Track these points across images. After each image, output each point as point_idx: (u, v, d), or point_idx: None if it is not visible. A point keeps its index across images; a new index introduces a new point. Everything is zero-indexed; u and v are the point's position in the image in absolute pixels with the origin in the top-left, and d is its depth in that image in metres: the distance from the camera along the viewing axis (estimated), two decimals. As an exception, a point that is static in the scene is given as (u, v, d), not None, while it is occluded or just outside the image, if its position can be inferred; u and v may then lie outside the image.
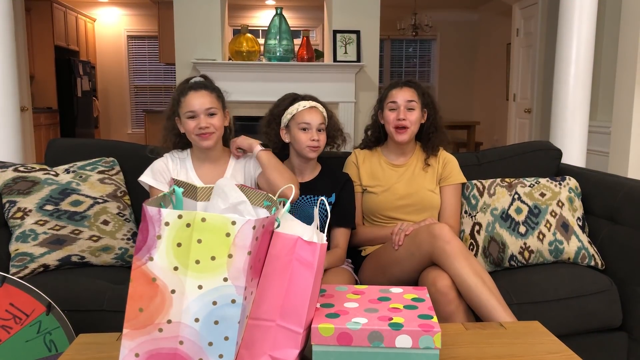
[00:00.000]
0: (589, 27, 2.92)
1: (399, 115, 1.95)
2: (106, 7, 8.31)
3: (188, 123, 1.75)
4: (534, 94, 5.72)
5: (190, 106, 1.74)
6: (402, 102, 1.96)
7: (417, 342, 1.03)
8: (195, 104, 1.74)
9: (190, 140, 1.80)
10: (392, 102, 1.98)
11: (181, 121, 1.79)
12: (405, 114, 1.95)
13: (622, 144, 3.34)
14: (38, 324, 1.37)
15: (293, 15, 8.20)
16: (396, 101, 1.97)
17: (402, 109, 1.95)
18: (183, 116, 1.76)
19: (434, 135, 2.04)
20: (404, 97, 1.96)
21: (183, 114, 1.76)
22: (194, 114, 1.74)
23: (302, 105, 1.88)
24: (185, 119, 1.76)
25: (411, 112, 1.96)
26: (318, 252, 1.05)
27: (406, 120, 1.95)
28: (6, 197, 1.86)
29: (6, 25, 2.59)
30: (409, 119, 1.95)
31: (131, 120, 8.70)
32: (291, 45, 4.89)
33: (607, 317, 1.82)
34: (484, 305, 1.54)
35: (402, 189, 2.00)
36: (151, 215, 0.96)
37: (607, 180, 2.09)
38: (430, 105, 2.04)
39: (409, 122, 1.95)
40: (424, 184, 2.00)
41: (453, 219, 2.00)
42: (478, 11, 8.45)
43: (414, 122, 1.96)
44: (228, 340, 0.98)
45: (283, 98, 1.97)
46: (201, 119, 1.73)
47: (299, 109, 1.88)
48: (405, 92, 1.97)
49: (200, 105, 1.74)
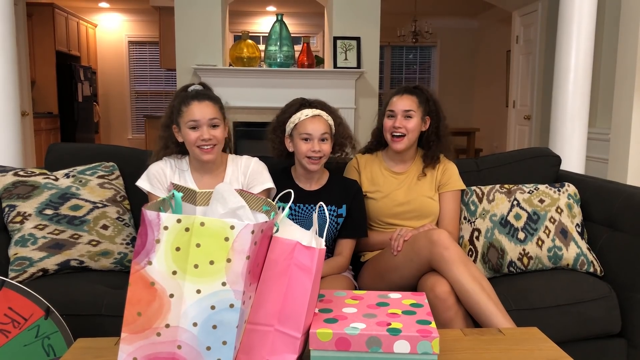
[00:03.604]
0: (588, 34, 2.93)
1: (395, 123, 1.94)
2: (107, 12, 8.34)
3: (189, 133, 1.71)
4: (533, 101, 5.73)
5: (192, 116, 1.70)
6: (399, 111, 1.95)
7: (415, 348, 1.03)
8: (198, 114, 1.70)
9: (190, 151, 1.77)
10: (390, 110, 1.97)
11: (180, 130, 1.76)
12: (402, 122, 1.94)
13: (621, 150, 3.34)
14: (36, 328, 1.37)
15: (294, 22, 8.23)
16: (393, 109, 1.96)
17: (399, 117, 1.94)
18: (184, 126, 1.72)
19: (435, 144, 2.02)
20: (402, 106, 1.95)
21: (184, 123, 1.72)
22: (196, 125, 1.70)
23: (305, 114, 1.82)
24: (186, 129, 1.72)
25: (408, 120, 1.94)
26: (316, 257, 1.05)
27: (402, 128, 1.94)
28: (6, 201, 1.86)
29: (7, 30, 2.60)
30: (405, 126, 1.94)
31: (131, 126, 8.72)
32: (292, 51, 4.91)
33: (606, 324, 1.82)
34: (483, 311, 1.54)
35: (401, 196, 1.99)
36: (150, 220, 0.96)
37: (606, 186, 2.09)
38: (434, 112, 2.01)
39: (404, 129, 1.94)
40: (422, 191, 2.00)
41: (452, 225, 1.99)
42: (478, 18, 8.48)
43: (410, 130, 1.94)
44: (226, 345, 0.98)
45: (290, 104, 1.92)
46: (204, 130, 1.70)
47: (301, 118, 1.82)
48: (405, 101, 1.96)
49: (203, 115, 1.70)
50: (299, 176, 1.92)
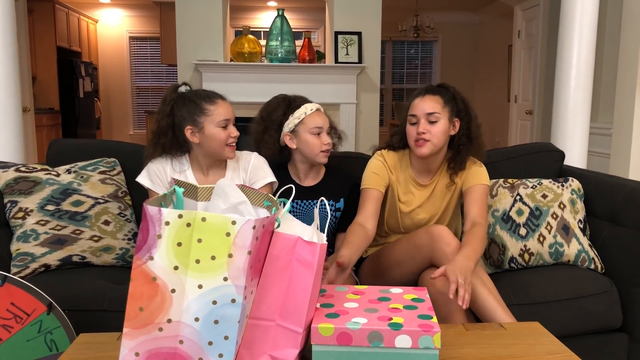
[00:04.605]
0: (590, 28, 2.92)
1: (418, 128, 1.73)
2: (108, 8, 8.32)
3: (220, 132, 1.73)
4: (535, 96, 5.71)
5: (225, 114, 1.74)
6: (422, 115, 1.73)
7: (417, 342, 1.03)
8: (229, 112, 1.76)
9: (214, 151, 1.75)
10: (412, 115, 1.76)
11: (201, 130, 1.72)
12: (425, 127, 1.72)
13: (623, 145, 3.33)
14: (39, 323, 1.37)
15: (295, 17, 8.21)
16: (415, 114, 1.75)
17: (422, 122, 1.73)
18: (212, 124, 1.72)
19: (464, 147, 1.79)
20: (424, 109, 1.73)
21: (214, 122, 1.72)
22: (227, 123, 1.74)
23: (310, 109, 1.83)
24: (216, 128, 1.72)
25: (433, 125, 1.73)
26: (318, 252, 1.06)
27: (426, 134, 1.72)
28: (8, 197, 1.86)
29: (8, 26, 2.59)
30: (429, 131, 1.72)
31: (133, 121, 8.71)
32: (293, 46, 4.90)
33: (607, 319, 1.82)
34: (484, 306, 1.54)
35: (422, 212, 1.87)
36: (152, 215, 0.96)
37: (608, 181, 2.09)
38: (463, 112, 1.78)
39: (429, 135, 1.72)
40: (445, 204, 1.86)
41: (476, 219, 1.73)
42: (479, 13, 8.45)
43: (436, 134, 1.72)
44: (228, 340, 0.98)
45: (276, 103, 1.88)
46: (233, 128, 1.76)
47: (307, 112, 1.82)
48: (427, 103, 1.74)
49: (232, 114, 1.77)
50: (298, 172, 1.92)
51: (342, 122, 4.92)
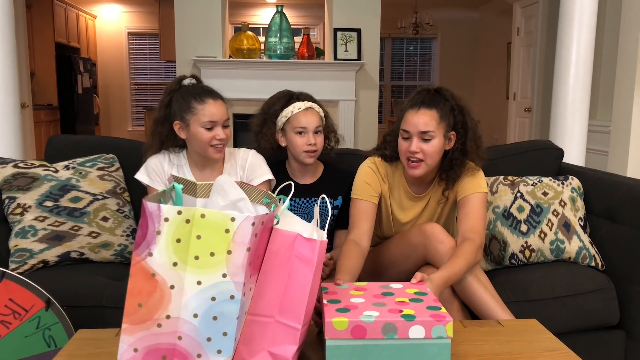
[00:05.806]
0: (589, 26, 2.92)
1: (411, 146, 1.63)
2: (107, 4, 8.30)
3: (204, 133, 1.68)
4: (534, 93, 5.72)
5: (211, 116, 1.68)
6: (415, 132, 1.62)
7: (430, 332, 1.05)
8: (217, 114, 1.69)
9: (198, 149, 1.74)
10: (404, 130, 1.65)
11: (187, 127, 1.71)
12: (419, 145, 1.62)
13: (622, 143, 3.34)
14: (37, 319, 1.37)
15: (294, 13, 8.19)
16: (408, 130, 1.63)
17: (415, 140, 1.62)
18: (197, 124, 1.68)
19: (458, 163, 1.69)
20: (417, 127, 1.61)
21: (199, 122, 1.68)
22: (213, 125, 1.69)
23: (297, 108, 1.80)
24: (200, 128, 1.68)
25: (427, 143, 1.62)
26: (317, 249, 1.06)
27: (419, 153, 1.62)
28: (6, 193, 1.86)
29: (7, 21, 2.59)
30: (423, 150, 1.62)
31: (131, 118, 8.70)
32: (292, 43, 4.89)
33: (604, 316, 1.82)
34: (481, 302, 1.54)
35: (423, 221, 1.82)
36: (151, 211, 0.96)
37: (606, 179, 2.09)
38: (460, 124, 1.67)
39: (422, 154, 1.63)
40: (441, 213, 1.82)
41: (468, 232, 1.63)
42: (479, 10, 8.44)
43: (430, 154, 1.62)
44: (226, 336, 0.99)
45: (277, 97, 1.88)
46: (220, 130, 1.70)
47: (294, 111, 1.80)
48: (421, 119, 1.61)
49: (220, 116, 1.70)
50: (294, 170, 1.91)
51: (340, 119, 4.92)
